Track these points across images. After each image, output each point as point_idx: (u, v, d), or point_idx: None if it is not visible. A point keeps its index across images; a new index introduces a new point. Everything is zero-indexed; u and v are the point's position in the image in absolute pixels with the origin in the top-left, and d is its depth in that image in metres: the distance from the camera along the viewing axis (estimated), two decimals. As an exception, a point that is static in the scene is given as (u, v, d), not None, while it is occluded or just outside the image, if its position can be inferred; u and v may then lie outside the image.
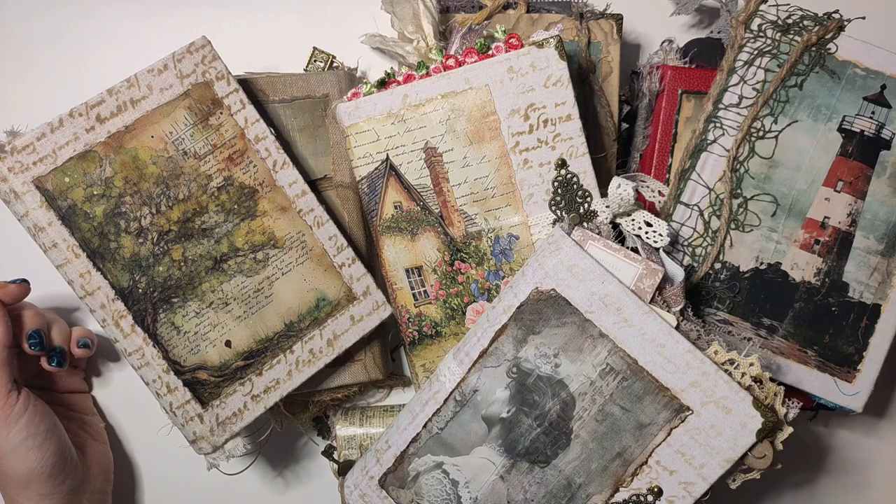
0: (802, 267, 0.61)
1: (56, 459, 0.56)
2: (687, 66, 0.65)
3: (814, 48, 0.60)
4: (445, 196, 0.60)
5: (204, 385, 0.58)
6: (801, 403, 0.52)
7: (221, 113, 0.58)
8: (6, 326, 0.56)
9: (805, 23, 0.60)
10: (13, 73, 0.68)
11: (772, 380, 0.52)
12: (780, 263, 0.61)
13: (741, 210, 0.61)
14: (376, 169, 0.60)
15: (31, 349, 0.57)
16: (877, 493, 0.73)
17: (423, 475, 0.56)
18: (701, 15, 0.71)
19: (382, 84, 0.59)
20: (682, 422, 0.51)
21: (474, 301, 0.61)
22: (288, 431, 0.68)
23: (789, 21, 0.60)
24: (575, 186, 0.59)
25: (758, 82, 0.60)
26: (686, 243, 0.61)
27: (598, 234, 0.55)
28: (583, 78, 0.64)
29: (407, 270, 0.61)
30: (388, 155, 0.60)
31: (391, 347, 0.69)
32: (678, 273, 0.54)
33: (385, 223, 0.60)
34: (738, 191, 0.60)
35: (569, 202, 0.59)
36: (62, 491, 0.57)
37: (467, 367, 0.55)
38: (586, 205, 0.59)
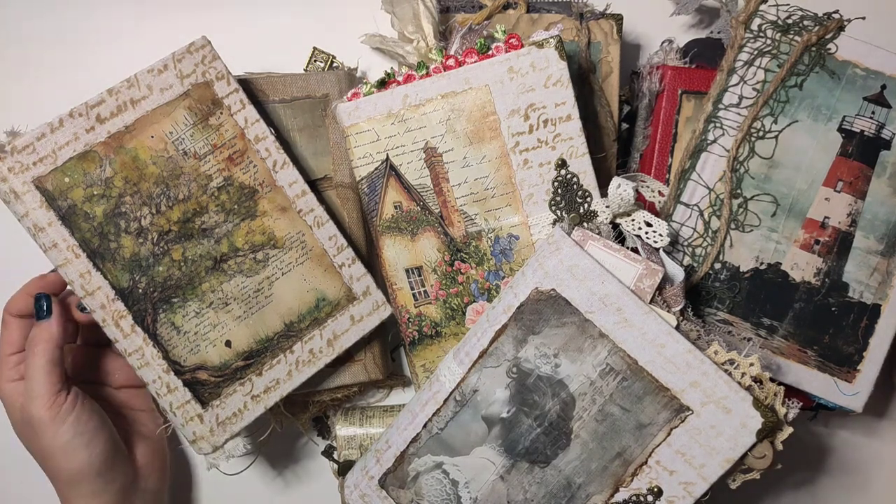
0: (802, 267, 0.61)
1: (105, 457, 0.56)
2: (687, 66, 0.65)
3: (814, 48, 0.60)
4: (445, 196, 0.60)
5: (204, 385, 0.58)
6: (801, 403, 0.52)
7: (221, 113, 0.58)
8: (61, 326, 0.55)
9: (805, 23, 0.60)
10: (13, 73, 0.68)
11: (772, 380, 0.51)
12: (780, 263, 0.61)
13: (741, 210, 0.61)
14: (376, 169, 0.60)
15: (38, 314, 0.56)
16: (877, 493, 0.73)
17: (423, 475, 0.56)
18: (701, 15, 0.71)
19: (382, 84, 0.59)
20: (682, 422, 0.51)
21: (474, 301, 0.61)
22: (288, 431, 0.68)
23: (789, 21, 0.60)
24: (575, 186, 0.59)
25: (758, 82, 0.60)
26: (686, 243, 0.61)
27: (598, 234, 0.55)
28: (583, 78, 0.64)
29: (407, 270, 0.61)
30: (388, 155, 0.60)
31: (391, 347, 0.69)
32: (678, 273, 0.54)
33: (385, 223, 0.60)
34: (738, 191, 0.60)
35: (569, 202, 0.59)
36: (113, 489, 0.57)
37: (467, 368, 0.55)
38: (586, 205, 0.59)
